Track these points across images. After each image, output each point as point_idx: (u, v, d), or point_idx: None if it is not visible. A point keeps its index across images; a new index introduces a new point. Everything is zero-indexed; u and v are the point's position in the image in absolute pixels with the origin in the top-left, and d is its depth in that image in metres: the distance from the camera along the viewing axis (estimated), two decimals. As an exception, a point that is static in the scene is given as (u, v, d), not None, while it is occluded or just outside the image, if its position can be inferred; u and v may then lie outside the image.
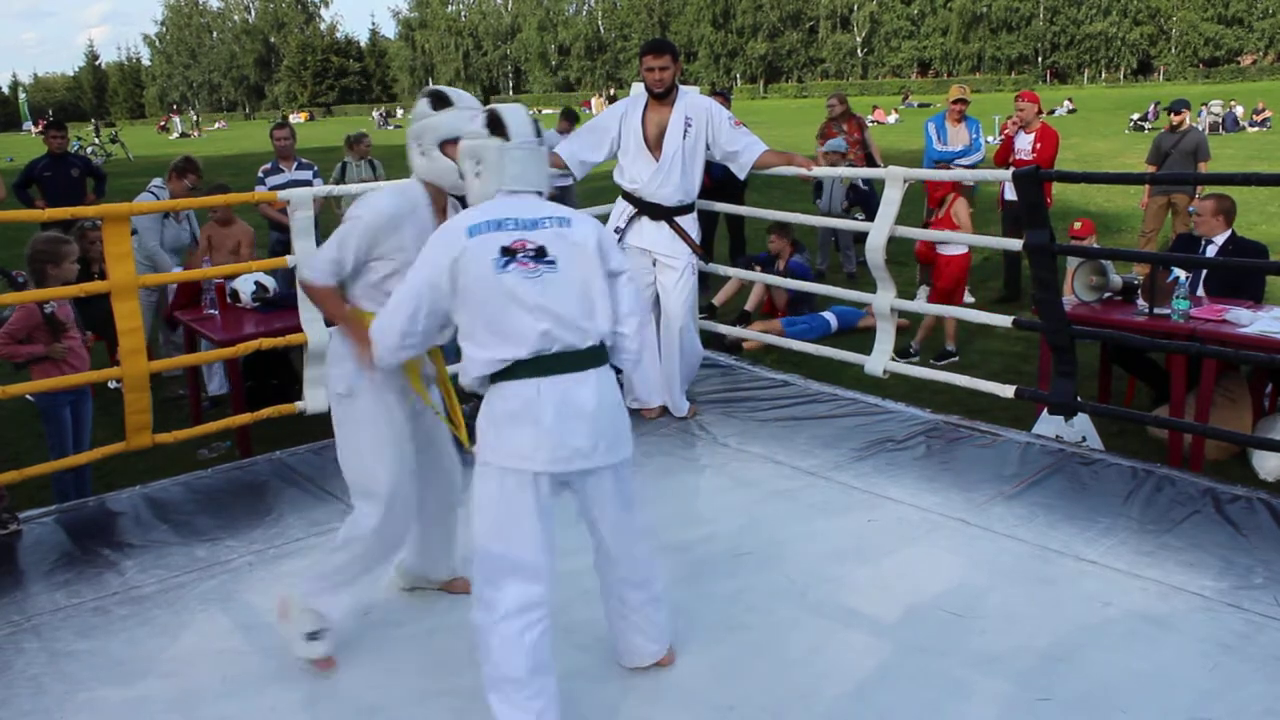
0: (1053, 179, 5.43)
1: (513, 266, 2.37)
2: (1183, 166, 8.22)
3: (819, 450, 4.38)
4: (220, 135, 46.78)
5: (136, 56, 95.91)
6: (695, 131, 4.66)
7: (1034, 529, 3.58)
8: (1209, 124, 21.89)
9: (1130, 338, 4.49)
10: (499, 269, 2.37)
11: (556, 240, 2.43)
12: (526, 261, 2.38)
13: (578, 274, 2.44)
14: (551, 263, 2.40)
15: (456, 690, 2.76)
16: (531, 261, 2.38)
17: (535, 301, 2.37)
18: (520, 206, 2.47)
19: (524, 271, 2.37)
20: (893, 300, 4.78)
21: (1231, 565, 3.26)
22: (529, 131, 2.50)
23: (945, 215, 6.56)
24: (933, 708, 2.64)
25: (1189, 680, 2.70)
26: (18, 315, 4.19)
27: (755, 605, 3.16)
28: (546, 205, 2.52)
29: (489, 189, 2.51)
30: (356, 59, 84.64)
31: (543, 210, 2.48)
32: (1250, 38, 56.13)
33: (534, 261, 2.38)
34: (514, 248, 2.39)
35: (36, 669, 2.92)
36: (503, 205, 2.48)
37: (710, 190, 5.38)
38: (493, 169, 2.48)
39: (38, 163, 7.93)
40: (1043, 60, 62.35)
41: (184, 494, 4.11)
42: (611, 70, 73.31)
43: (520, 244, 2.39)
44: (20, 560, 3.60)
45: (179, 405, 5.92)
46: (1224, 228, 5.20)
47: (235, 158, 25.69)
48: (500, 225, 2.42)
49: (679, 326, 4.74)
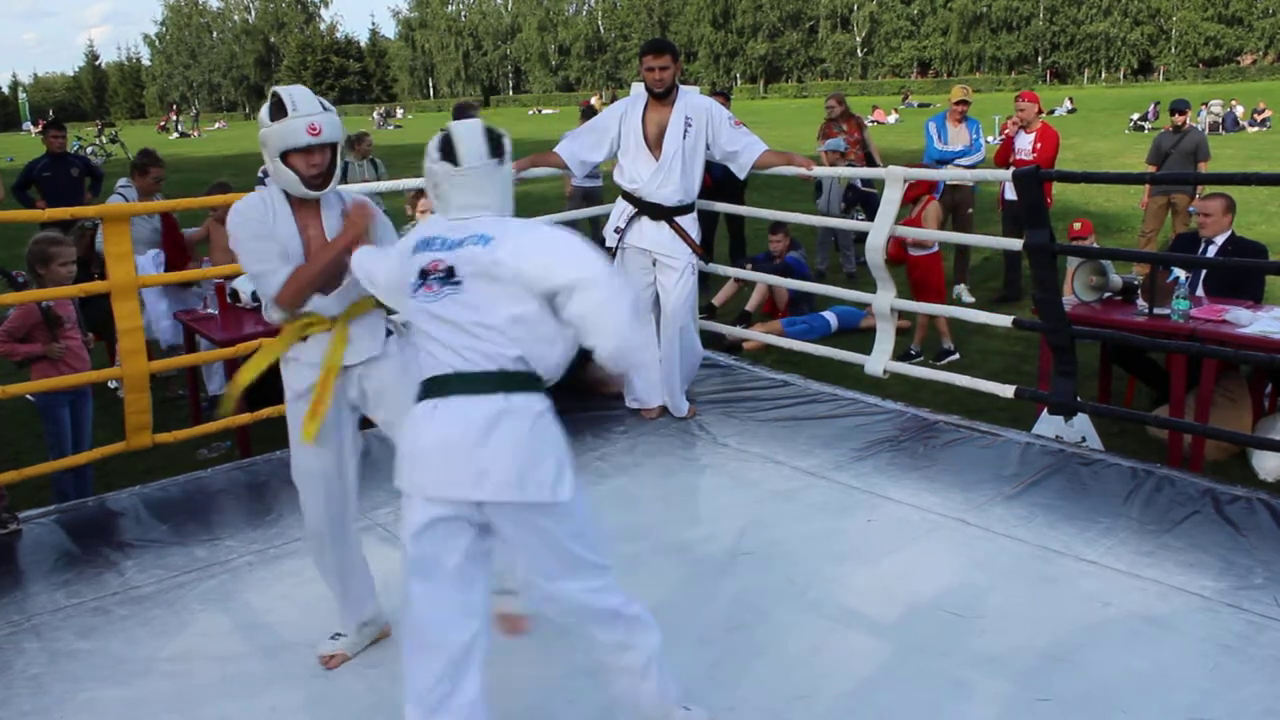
0: (1053, 179, 5.43)
1: (421, 290, 2.29)
2: (1183, 166, 8.23)
3: (819, 450, 4.38)
4: (220, 135, 46.77)
5: (136, 56, 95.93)
6: (695, 131, 4.66)
7: (1034, 529, 3.58)
8: (1209, 124, 21.89)
9: (1130, 338, 4.49)
10: (412, 293, 2.31)
11: (468, 260, 2.26)
12: (433, 285, 2.27)
13: (484, 295, 2.24)
14: (457, 283, 2.25)
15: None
16: (437, 284, 2.27)
17: (432, 324, 2.27)
18: (459, 225, 2.33)
19: (427, 295, 2.27)
20: (893, 300, 4.78)
21: (1231, 565, 3.26)
22: (481, 155, 2.33)
23: (917, 216, 6.56)
24: (933, 708, 2.64)
25: (1189, 680, 2.70)
26: (16, 314, 4.20)
27: (755, 605, 3.16)
28: (486, 224, 2.32)
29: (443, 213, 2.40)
30: (356, 59, 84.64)
31: (473, 227, 2.31)
32: (1250, 37, 56.13)
33: (440, 284, 2.26)
34: (428, 269, 2.29)
35: (36, 669, 2.92)
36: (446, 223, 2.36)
37: (710, 190, 5.38)
38: (443, 197, 2.38)
39: (37, 163, 7.93)
40: (1043, 60, 62.34)
41: (184, 494, 4.11)
42: (611, 70, 73.30)
43: (434, 265, 2.29)
44: (20, 560, 3.60)
45: (179, 405, 5.92)
46: (1228, 227, 5.21)
47: (235, 158, 25.68)
48: (429, 244, 2.33)
49: (679, 326, 4.74)
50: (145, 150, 6.25)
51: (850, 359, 5.07)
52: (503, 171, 2.38)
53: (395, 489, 2.90)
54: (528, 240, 2.27)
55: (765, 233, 7.72)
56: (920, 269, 6.44)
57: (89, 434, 4.43)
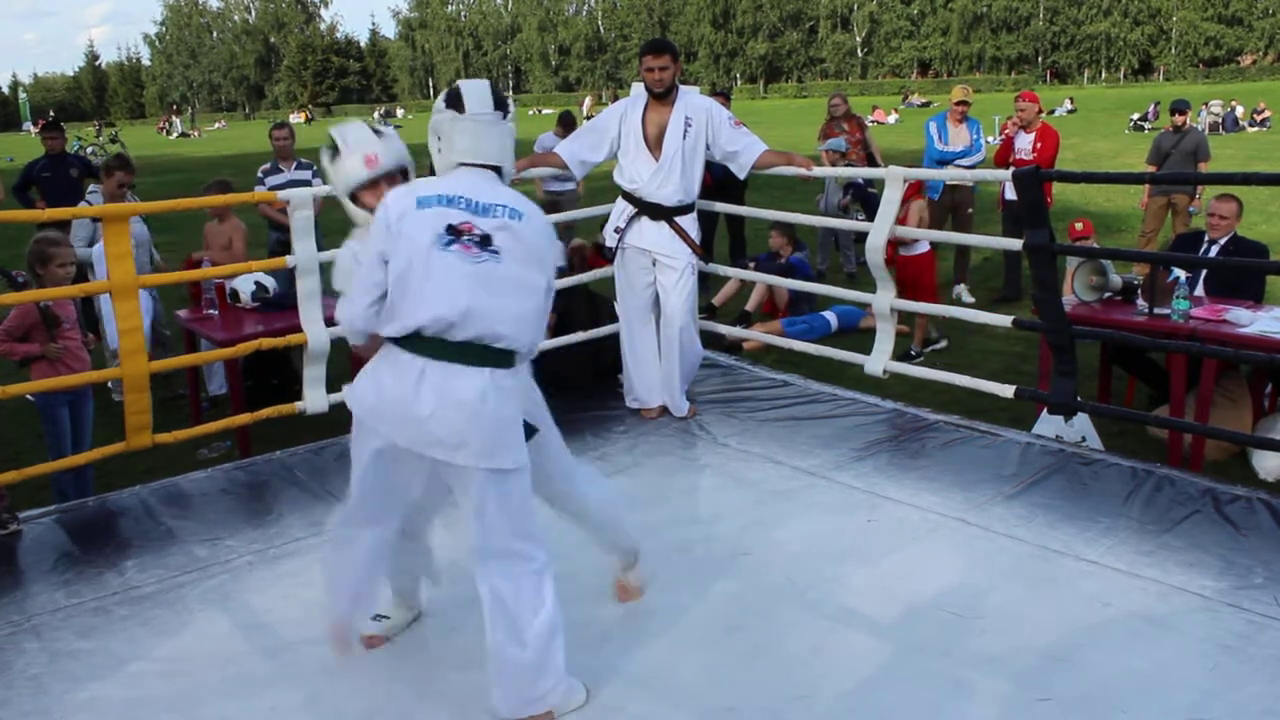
0: (1053, 179, 5.43)
1: (455, 247, 2.31)
2: (1183, 166, 8.23)
3: (819, 450, 4.38)
4: (220, 135, 46.78)
5: (136, 56, 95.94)
6: (695, 131, 4.66)
7: (1034, 529, 3.58)
8: (1209, 124, 21.89)
9: (1130, 338, 4.49)
10: (442, 246, 2.31)
11: (503, 233, 2.35)
12: (470, 246, 2.31)
13: (515, 272, 2.36)
14: (495, 252, 2.33)
15: (457, 690, 2.76)
16: (475, 246, 2.31)
17: (467, 286, 2.30)
18: (475, 186, 2.39)
19: (466, 255, 2.30)
20: (893, 300, 4.78)
21: (1231, 565, 3.26)
22: (486, 105, 2.43)
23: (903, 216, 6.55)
24: (933, 708, 2.64)
25: (1189, 680, 2.70)
26: (15, 313, 4.20)
27: (755, 605, 3.16)
28: (503, 191, 2.43)
29: (448, 161, 2.47)
30: (356, 59, 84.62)
31: (498, 196, 2.40)
32: (1250, 38, 56.13)
33: (478, 248, 2.31)
34: (461, 229, 2.32)
35: (36, 669, 2.92)
36: (457, 181, 2.41)
37: (710, 190, 5.38)
38: (447, 142, 2.44)
39: (36, 164, 7.92)
40: (1043, 60, 62.35)
41: (184, 494, 4.11)
42: (611, 70, 73.30)
43: (468, 226, 2.32)
44: (20, 560, 3.60)
45: (179, 405, 5.92)
46: (1232, 228, 5.22)
47: (235, 158, 25.67)
48: (451, 202, 2.35)
49: (679, 326, 4.74)
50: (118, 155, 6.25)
51: (850, 359, 5.07)
52: (505, 127, 2.45)
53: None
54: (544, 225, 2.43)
55: (765, 233, 7.72)
56: (912, 268, 6.44)
57: (89, 434, 4.43)
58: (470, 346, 2.31)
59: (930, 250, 6.61)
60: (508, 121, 2.46)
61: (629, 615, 3.13)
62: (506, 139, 2.47)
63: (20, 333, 4.19)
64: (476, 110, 2.41)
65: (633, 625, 3.07)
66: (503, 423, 2.35)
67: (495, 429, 2.34)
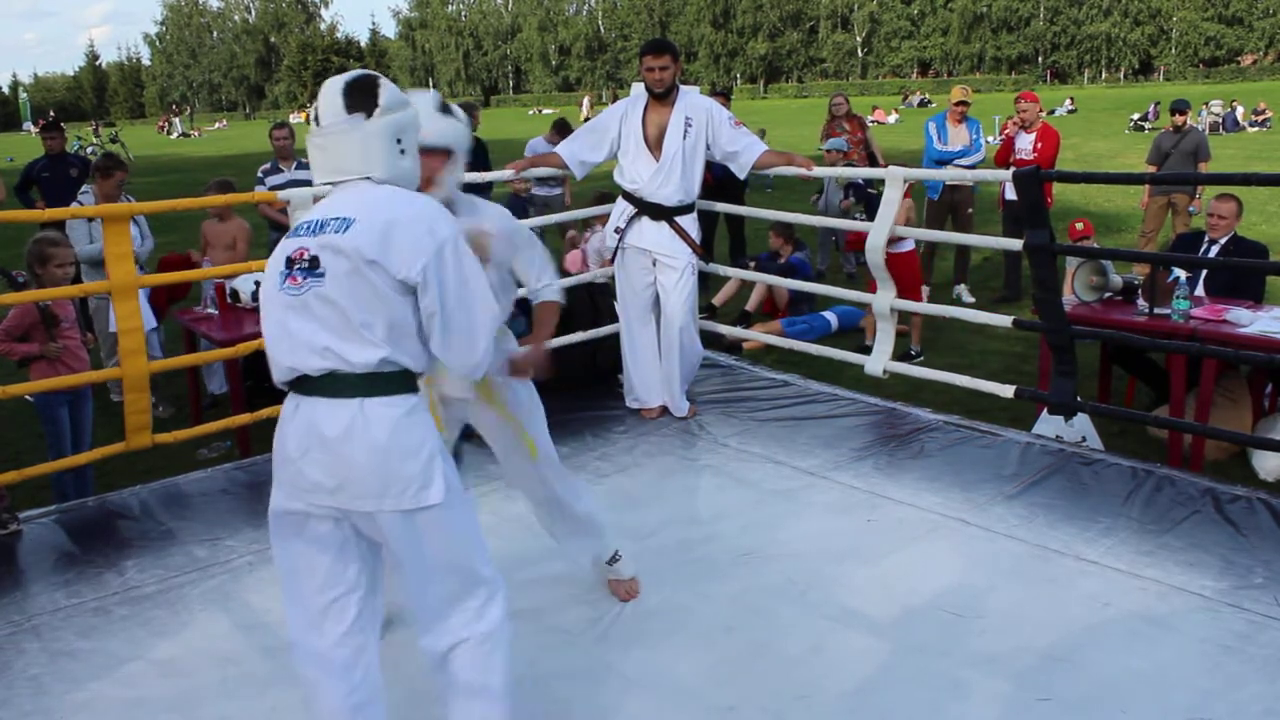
0: (1053, 179, 5.43)
1: (286, 282, 2.05)
2: (1183, 166, 8.23)
3: (819, 450, 4.38)
4: (220, 135, 46.79)
5: (137, 56, 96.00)
6: (695, 131, 4.66)
7: (1034, 529, 3.58)
8: (1209, 124, 21.89)
9: (1130, 338, 4.49)
10: (280, 284, 2.07)
11: (327, 249, 2.02)
12: (297, 276, 2.03)
13: (345, 289, 2.00)
14: (320, 275, 2.01)
15: (456, 690, 2.76)
16: (301, 275, 2.03)
17: (294, 319, 2.04)
18: (331, 203, 2.10)
19: (291, 289, 2.04)
20: (893, 300, 4.78)
21: (1231, 565, 3.26)
22: (336, 110, 2.07)
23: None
24: (933, 708, 2.64)
25: (1189, 680, 2.70)
26: (14, 313, 4.20)
27: (755, 605, 3.16)
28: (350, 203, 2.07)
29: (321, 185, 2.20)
30: (357, 59, 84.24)
31: (340, 209, 2.06)
32: (1250, 37, 56.14)
33: (304, 275, 2.02)
34: (294, 258, 2.05)
35: (36, 669, 2.92)
36: (324, 202, 2.12)
37: (711, 190, 5.38)
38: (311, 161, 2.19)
39: (36, 163, 7.92)
40: (1043, 60, 62.36)
41: (184, 494, 4.11)
42: (611, 70, 73.32)
43: (300, 252, 2.04)
44: (20, 560, 3.60)
45: (179, 405, 5.92)
46: (1232, 228, 5.22)
47: (235, 158, 25.67)
48: (297, 230, 2.10)
49: (679, 326, 4.74)
50: (108, 154, 6.23)
51: (850, 359, 5.08)
52: (367, 129, 2.07)
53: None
54: (394, 227, 2.02)
55: (765, 233, 7.72)
56: (892, 267, 6.42)
57: (89, 434, 4.43)
58: (326, 378, 2.04)
59: (914, 249, 6.60)
60: (375, 121, 2.08)
61: (629, 615, 3.12)
62: (367, 145, 2.08)
63: (20, 332, 4.19)
64: (326, 122, 2.08)
65: (633, 625, 3.07)
66: (390, 455, 2.03)
67: (372, 463, 2.02)
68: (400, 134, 2.12)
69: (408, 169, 2.17)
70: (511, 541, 3.63)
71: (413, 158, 2.18)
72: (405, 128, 2.14)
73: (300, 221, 2.14)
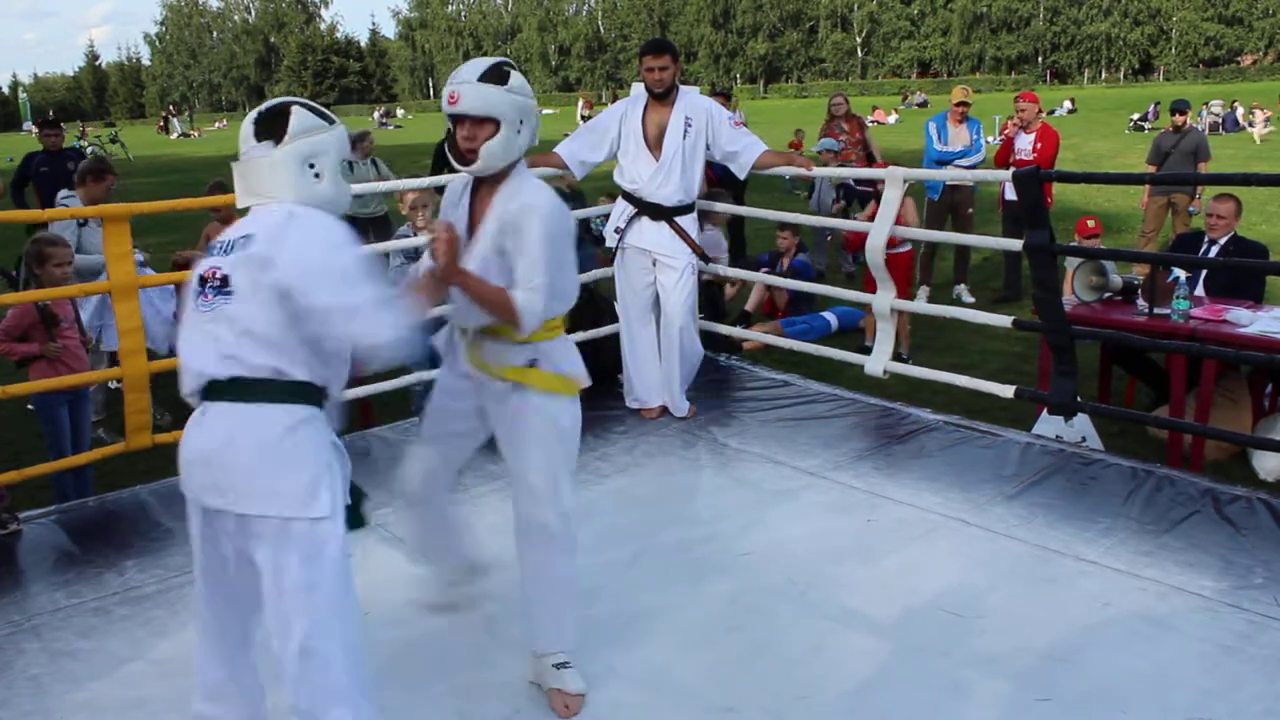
0: (1053, 179, 5.43)
1: (199, 299, 2.13)
2: (1183, 166, 8.23)
3: (819, 450, 4.38)
4: (220, 135, 46.76)
5: (137, 56, 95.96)
6: (695, 131, 4.66)
7: (1034, 529, 3.58)
8: (1209, 124, 21.90)
9: (1130, 338, 4.49)
10: (194, 302, 2.14)
11: (238, 266, 2.09)
12: (209, 294, 2.11)
13: (249, 303, 2.07)
14: (229, 293, 2.08)
15: (456, 690, 2.77)
16: (212, 293, 2.10)
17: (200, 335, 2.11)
18: (241, 223, 2.17)
19: (203, 305, 2.11)
20: (892, 300, 4.78)
21: (1231, 565, 3.26)
22: (247, 138, 2.19)
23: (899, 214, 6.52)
24: (933, 708, 2.64)
25: (1189, 680, 2.70)
26: (13, 313, 4.20)
27: (755, 605, 3.16)
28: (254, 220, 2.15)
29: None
30: (356, 59, 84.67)
31: (246, 227, 2.15)
32: (1250, 38, 56.15)
33: (214, 293, 2.10)
34: (206, 276, 2.13)
35: (36, 669, 2.92)
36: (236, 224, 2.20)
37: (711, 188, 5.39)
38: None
39: (34, 157, 7.89)
40: (1043, 60, 62.36)
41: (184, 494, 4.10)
42: (611, 70, 73.31)
43: (212, 271, 2.12)
44: (20, 560, 3.60)
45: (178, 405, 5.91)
46: (1233, 228, 5.23)
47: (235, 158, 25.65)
48: (212, 250, 2.17)
49: (679, 327, 4.75)
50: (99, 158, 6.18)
51: (850, 359, 5.08)
52: (274, 156, 2.15)
53: (396, 490, 2.91)
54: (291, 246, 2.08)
55: (765, 233, 7.71)
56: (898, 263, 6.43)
57: (88, 434, 4.43)
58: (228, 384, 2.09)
59: (911, 250, 6.60)
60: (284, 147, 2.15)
61: (629, 615, 3.12)
62: (275, 172, 2.15)
63: (19, 333, 4.19)
64: (242, 149, 2.18)
65: (633, 625, 3.07)
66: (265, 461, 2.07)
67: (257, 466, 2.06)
68: (313, 158, 2.18)
69: (323, 190, 2.20)
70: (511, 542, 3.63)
71: (331, 180, 2.21)
72: (319, 152, 2.18)
73: (214, 242, 2.20)
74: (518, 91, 2.56)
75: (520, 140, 2.57)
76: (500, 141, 2.53)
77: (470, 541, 3.03)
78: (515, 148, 2.57)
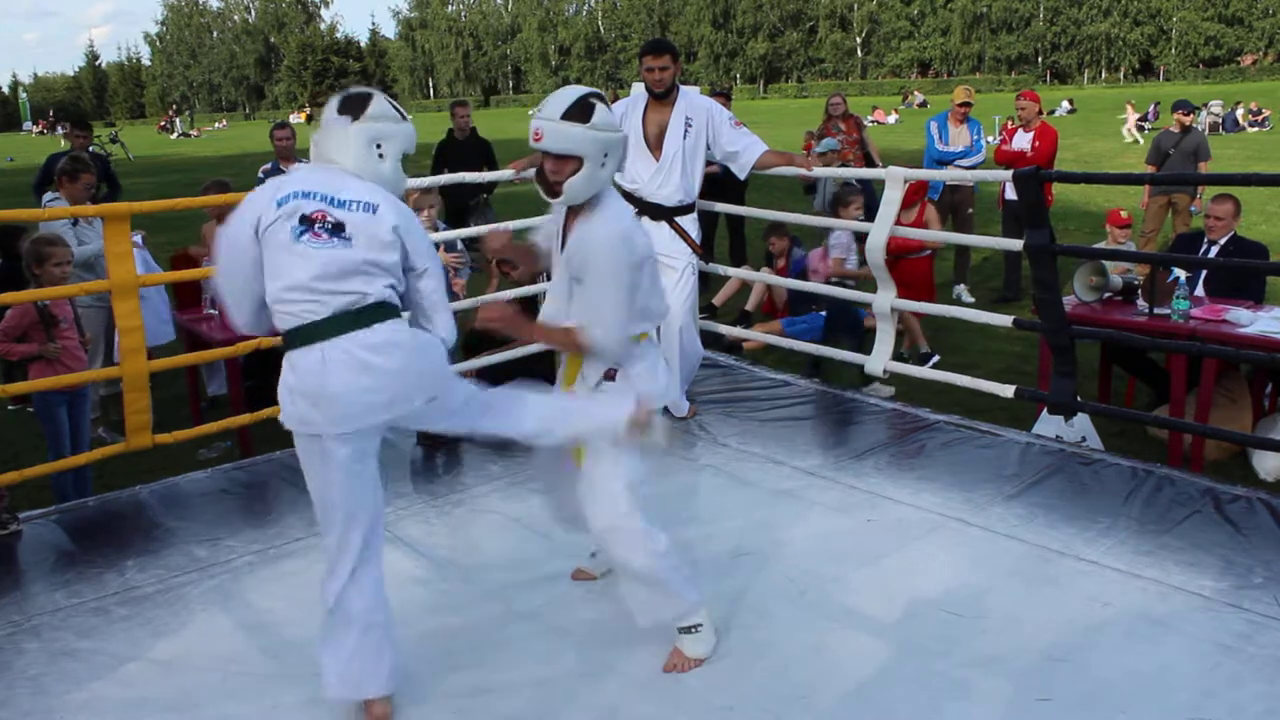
0: (1053, 179, 5.43)
1: (307, 235, 2.42)
2: (1183, 166, 8.23)
3: (819, 450, 4.38)
4: (220, 135, 46.78)
5: (137, 56, 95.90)
6: (695, 131, 4.66)
7: (1034, 529, 3.58)
8: (1209, 124, 21.90)
9: (1130, 338, 4.49)
10: (295, 237, 2.42)
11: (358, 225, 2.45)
12: (320, 233, 2.42)
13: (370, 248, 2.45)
14: (347, 239, 2.43)
15: (456, 690, 2.77)
16: (325, 233, 2.42)
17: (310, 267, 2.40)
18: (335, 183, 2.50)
19: (315, 241, 2.41)
20: (893, 300, 4.78)
21: (1231, 565, 3.26)
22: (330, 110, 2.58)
23: (918, 219, 6.55)
24: (933, 708, 2.64)
25: (1189, 680, 2.70)
26: (12, 313, 4.20)
27: (755, 605, 3.16)
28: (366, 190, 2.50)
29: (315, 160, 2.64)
30: (356, 59, 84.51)
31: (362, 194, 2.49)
32: (1250, 38, 56.12)
33: (328, 234, 2.42)
34: (313, 217, 2.43)
35: (36, 669, 2.92)
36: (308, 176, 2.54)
37: (711, 189, 5.38)
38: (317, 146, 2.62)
39: (57, 159, 7.86)
40: (1043, 60, 62.34)
41: (184, 494, 4.11)
42: (611, 70, 73.26)
43: (320, 214, 2.44)
44: (20, 560, 3.60)
45: (179, 405, 5.92)
46: (1233, 228, 5.23)
47: (235, 158, 25.66)
48: (308, 196, 2.46)
49: (679, 326, 4.74)
50: (74, 156, 6.15)
51: (850, 359, 5.07)
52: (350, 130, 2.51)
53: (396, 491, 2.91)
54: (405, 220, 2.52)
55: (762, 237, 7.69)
56: (907, 273, 6.43)
57: (87, 434, 4.43)
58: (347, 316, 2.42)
59: (931, 255, 6.62)
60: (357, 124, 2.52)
61: (629, 615, 3.12)
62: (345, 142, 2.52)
63: (18, 333, 4.19)
64: (325, 117, 2.58)
65: (632, 625, 3.06)
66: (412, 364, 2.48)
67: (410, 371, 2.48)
68: (380, 140, 2.53)
69: (383, 170, 2.55)
70: (512, 542, 3.64)
71: (392, 164, 2.56)
72: (387, 136, 2.54)
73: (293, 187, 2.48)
74: (602, 128, 2.63)
75: (604, 173, 2.69)
76: (583, 178, 2.63)
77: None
78: (598, 180, 2.67)
